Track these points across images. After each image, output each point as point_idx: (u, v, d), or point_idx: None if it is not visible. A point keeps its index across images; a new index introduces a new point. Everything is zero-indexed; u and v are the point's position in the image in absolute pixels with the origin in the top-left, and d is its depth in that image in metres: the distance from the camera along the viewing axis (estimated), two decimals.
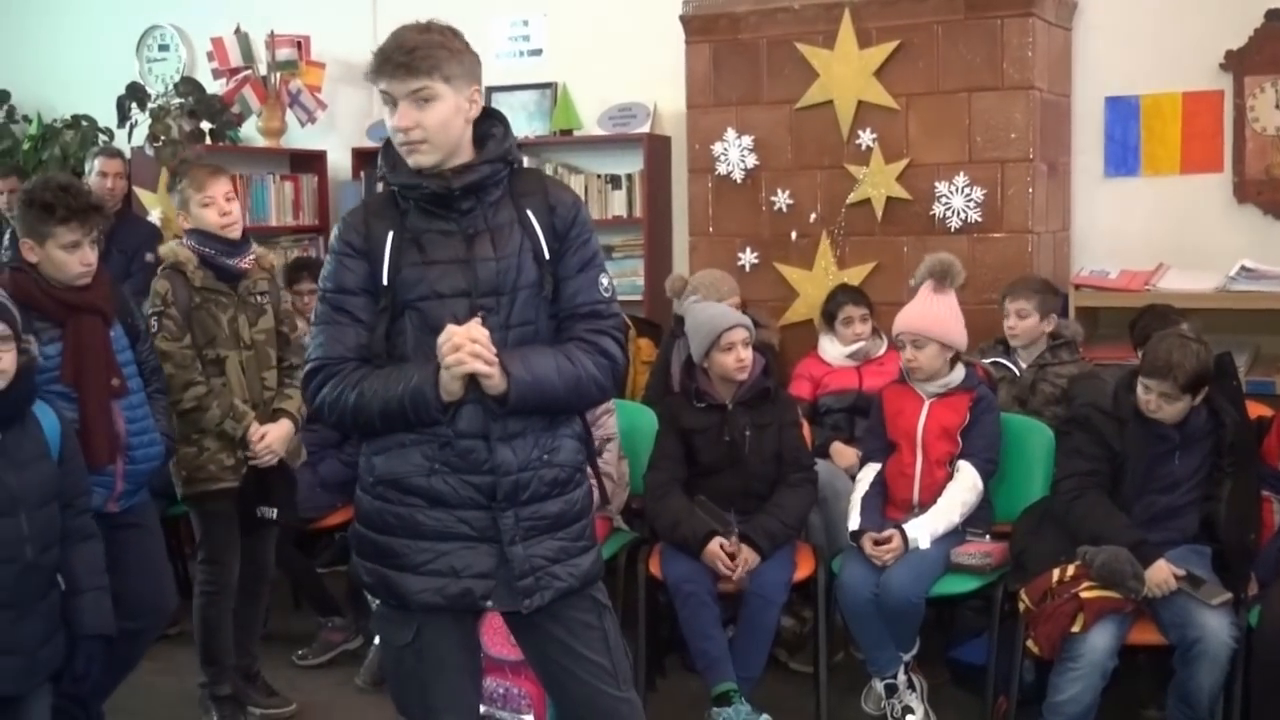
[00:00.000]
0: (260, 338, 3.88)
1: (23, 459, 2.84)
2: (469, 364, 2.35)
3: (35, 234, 3.30)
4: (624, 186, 6.09)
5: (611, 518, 4.38)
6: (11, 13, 7.42)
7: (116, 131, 6.60)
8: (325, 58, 6.59)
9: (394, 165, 2.50)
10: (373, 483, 2.52)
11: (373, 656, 4.30)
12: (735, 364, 4.03)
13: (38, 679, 2.87)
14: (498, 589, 2.49)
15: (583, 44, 6.18)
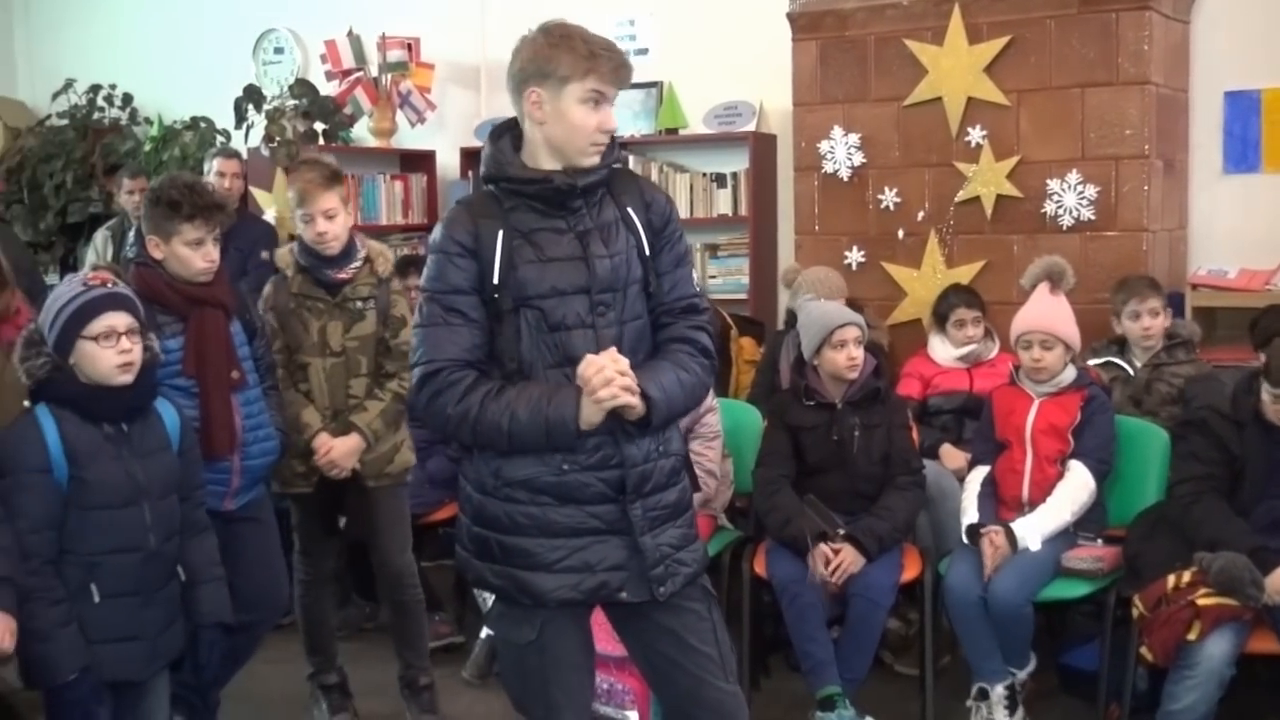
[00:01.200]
0: (352, 344, 3.81)
1: (147, 450, 2.92)
2: (622, 398, 2.40)
3: (161, 231, 3.37)
4: (729, 185, 6.08)
5: (716, 515, 4.39)
6: (133, 18, 7.64)
7: (233, 133, 6.75)
8: (435, 59, 6.67)
9: (505, 163, 2.51)
10: (498, 485, 2.50)
11: (479, 650, 4.35)
12: (846, 362, 4.00)
13: (159, 665, 2.96)
14: (630, 580, 2.52)
15: (689, 43, 6.18)
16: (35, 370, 2.84)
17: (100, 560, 2.83)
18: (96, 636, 2.81)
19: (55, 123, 7.39)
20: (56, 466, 2.79)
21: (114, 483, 2.83)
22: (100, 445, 2.84)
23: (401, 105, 6.64)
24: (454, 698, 4.18)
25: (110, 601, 2.84)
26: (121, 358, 2.83)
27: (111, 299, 2.87)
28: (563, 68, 2.44)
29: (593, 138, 2.48)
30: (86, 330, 2.82)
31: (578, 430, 2.41)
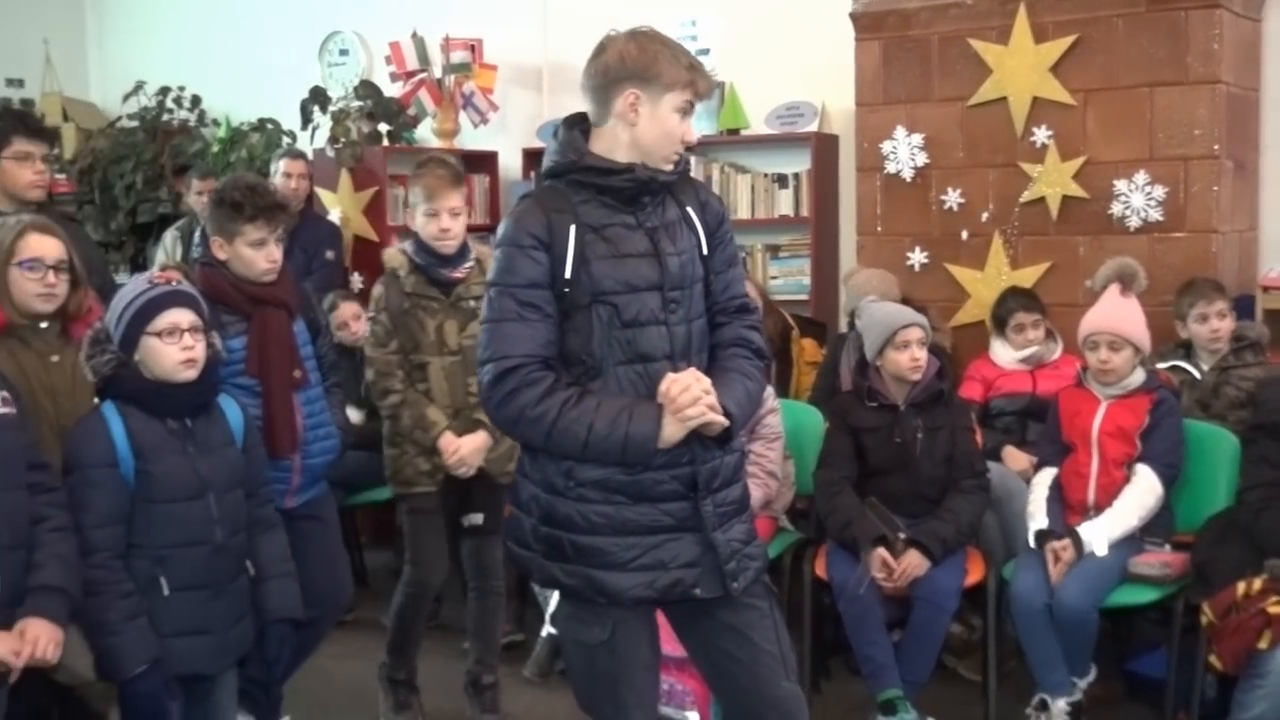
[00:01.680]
0: (468, 343, 3.74)
1: (211, 445, 2.96)
2: (708, 417, 2.42)
3: (224, 232, 3.41)
4: (790, 186, 6.06)
5: (777, 517, 4.37)
6: (202, 22, 7.75)
7: (299, 134, 6.82)
8: (497, 60, 6.71)
9: (584, 153, 2.50)
10: (570, 485, 2.49)
11: (540, 649, 4.37)
12: (909, 363, 3.98)
13: (228, 659, 2.99)
14: (703, 576, 2.53)
15: (751, 43, 6.17)
16: (101, 367, 2.89)
17: (168, 554, 2.86)
18: (167, 630, 2.85)
19: (126, 124, 7.50)
20: (123, 461, 2.83)
21: (179, 477, 2.87)
22: (165, 440, 2.88)
23: (464, 106, 6.68)
24: (515, 696, 4.20)
25: (179, 595, 2.87)
26: (184, 354, 2.87)
27: (175, 296, 2.92)
28: (665, 75, 2.47)
29: (677, 145, 2.52)
30: (150, 326, 2.86)
31: (655, 449, 2.42)
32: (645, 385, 2.48)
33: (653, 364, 2.49)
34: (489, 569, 4.03)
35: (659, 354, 2.50)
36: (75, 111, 7.71)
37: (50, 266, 3.11)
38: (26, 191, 3.86)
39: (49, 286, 3.10)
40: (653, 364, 2.49)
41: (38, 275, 3.08)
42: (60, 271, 3.14)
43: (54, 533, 2.63)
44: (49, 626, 2.58)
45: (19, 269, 3.08)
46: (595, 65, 2.52)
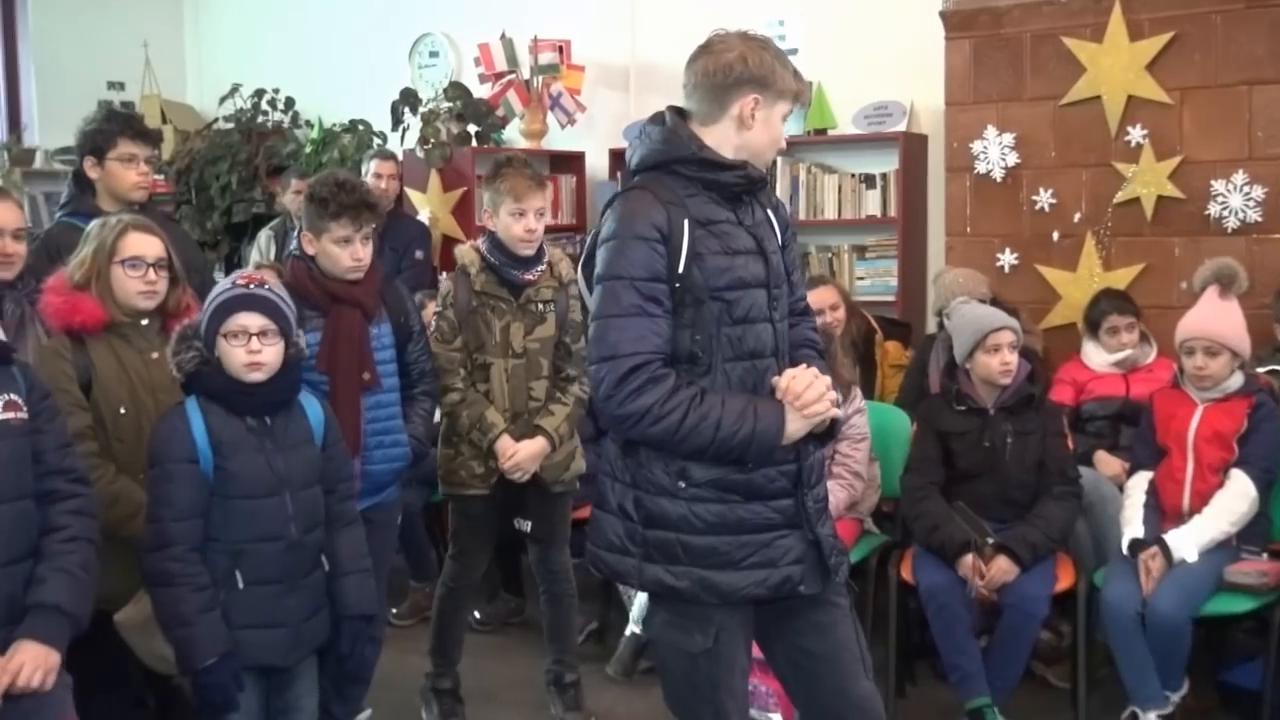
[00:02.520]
0: (534, 346, 3.79)
1: (289, 443, 2.97)
2: (833, 412, 2.45)
3: (313, 227, 3.46)
4: (878, 186, 6.01)
5: (862, 519, 4.35)
6: (295, 25, 7.89)
7: (390, 135, 6.92)
8: (585, 61, 6.74)
9: (699, 146, 2.50)
10: (684, 486, 2.46)
11: (623, 648, 4.37)
12: (1000, 367, 3.93)
13: (302, 653, 3.00)
14: (807, 572, 2.53)
15: (839, 42, 6.13)
16: (184, 364, 2.92)
17: (244, 548, 2.89)
18: (240, 622, 2.88)
19: (222, 126, 7.66)
20: (202, 457, 2.86)
21: (256, 474, 2.89)
22: (243, 437, 2.91)
23: (552, 107, 6.72)
24: (598, 695, 4.22)
25: (253, 589, 2.89)
26: (250, 357, 2.88)
27: (246, 299, 2.92)
28: (780, 83, 2.49)
29: (774, 151, 2.57)
30: (222, 328, 2.90)
31: (779, 445, 2.43)
32: (752, 382, 2.48)
33: (760, 361, 2.50)
34: (557, 573, 4.04)
35: (766, 351, 2.51)
36: (173, 113, 7.89)
37: (150, 264, 3.17)
38: (131, 193, 3.95)
39: (150, 284, 3.17)
40: (760, 361, 2.50)
41: (139, 273, 3.15)
42: (160, 269, 3.20)
43: (65, 544, 2.54)
44: (41, 651, 2.44)
45: (121, 267, 3.15)
46: (712, 64, 2.48)
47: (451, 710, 4.05)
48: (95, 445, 3.10)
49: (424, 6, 7.42)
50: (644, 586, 2.57)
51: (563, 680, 4.06)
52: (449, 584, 4.00)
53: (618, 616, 4.65)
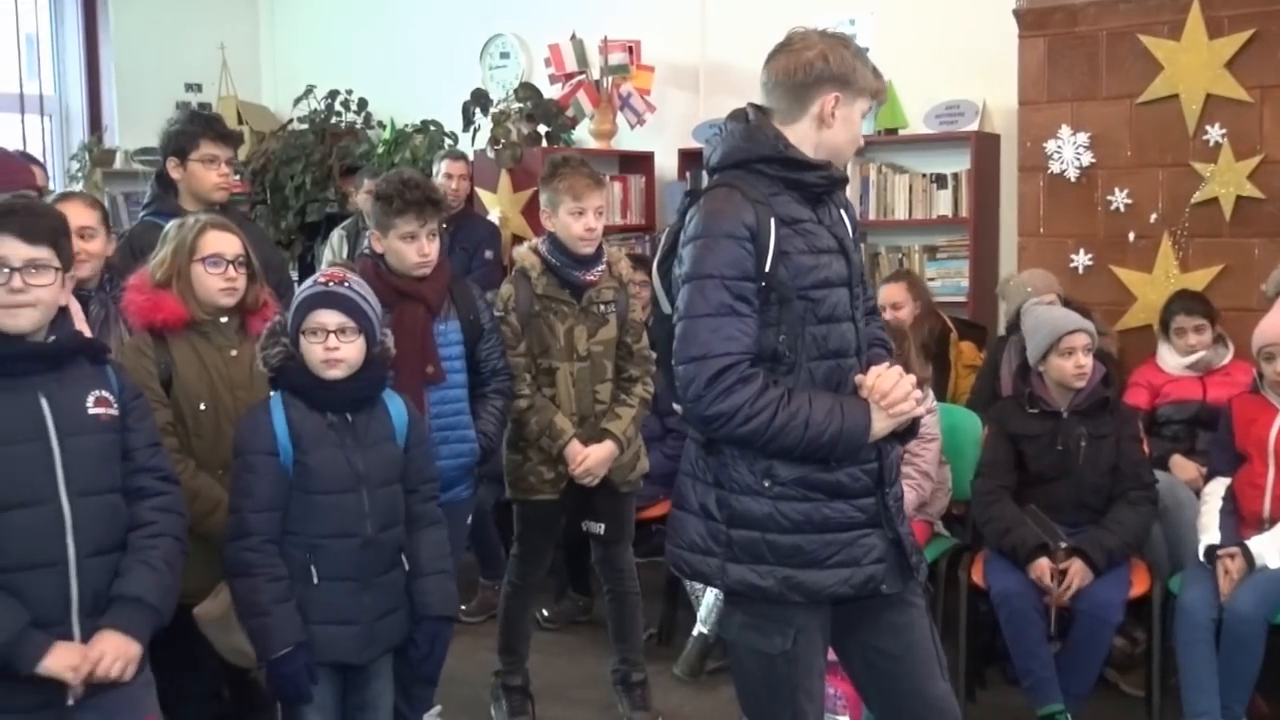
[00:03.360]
0: (597, 349, 3.79)
1: (370, 440, 2.99)
2: (917, 411, 2.46)
3: (380, 225, 3.50)
4: (949, 186, 5.97)
5: (932, 521, 4.32)
6: (368, 27, 7.98)
7: (461, 135, 6.97)
8: (655, 61, 6.75)
9: (784, 145, 2.49)
10: (770, 484, 2.46)
11: (690, 648, 4.38)
12: (1074, 370, 3.89)
13: (376, 651, 3.01)
14: (889, 572, 2.53)
15: (910, 41, 6.09)
16: (270, 359, 2.97)
17: (320, 543, 2.90)
18: (314, 617, 2.89)
19: (296, 127, 7.75)
20: (283, 451, 2.88)
21: (334, 470, 2.91)
22: (323, 433, 2.93)
23: (622, 107, 6.73)
24: (665, 694, 4.22)
25: (328, 584, 2.91)
26: (327, 354, 2.90)
27: (325, 298, 2.94)
28: (860, 81, 2.48)
29: (853, 148, 2.57)
30: (304, 324, 2.93)
31: (866, 443, 2.43)
32: (836, 381, 2.48)
33: (844, 360, 2.51)
34: (622, 571, 4.05)
35: (850, 350, 2.52)
36: (249, 114, 8.00)
37: (230, 262, 3.23)
38: (211, 193, 4.02)
39: (230, 281, 3.22)
40: (844, 360, 2.51)
41: (219, 270, 3.20)
42: (239, 267, 3.25)
43: (151, 539, 2.55)
44: (122, 642, 2.46)
45: (203, 265, 3.20)
46: (793, 61, 2.47)
47: (521, 707, 4.07)
48: (175, 441, 3.16)
49: (495, 8, 7.47)
50: (728, 586, 2.55)
51: (630, 679, 4.07)
52: (514, 582, 4.03)
53: (685, 616, 4.65)
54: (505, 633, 4.07)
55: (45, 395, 2.45)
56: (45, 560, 2.39)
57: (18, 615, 2.35)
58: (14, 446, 2.39)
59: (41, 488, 2.40)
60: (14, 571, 2.37)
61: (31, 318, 2.44)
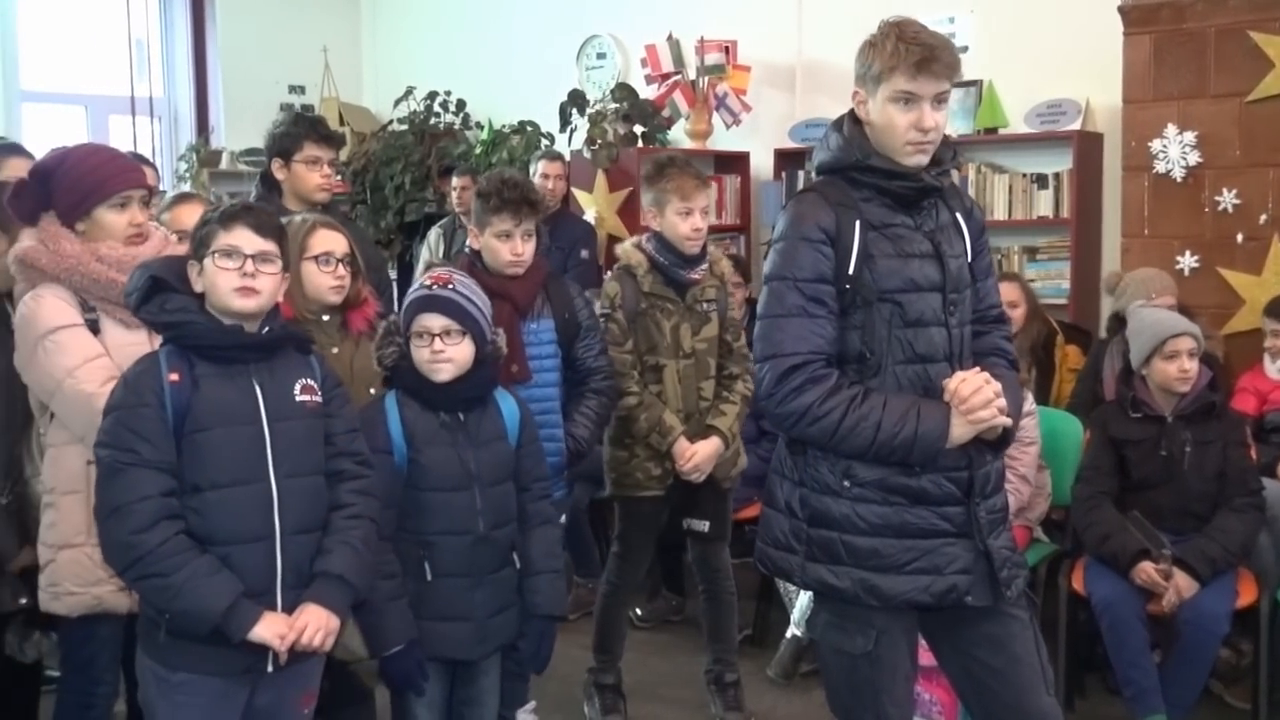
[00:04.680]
0: (701, 347, 3.81)
1: (482, 439, 3.02)
2: (999, 420, 2.41)
3: (479, 222, 3.54)
4: (1050, 186, 5.88)
5: (1031, 526, 4.26)
6: (467, 28, 8.07)
7: (557, 136, 7.03)
8: (751, 61, 6.74)
9: (869, 153, 2.47)
10: (848, 485, 2.47)
11: (784, 650, 4.36)
12: (1178, 374, 3.81)
13: (487, 648, 3.05)
14: (975, 583, 2.49)
15: (1011, 39, 6.01)
16: (385, 358, 3.02)
17: (433, 540, 2.95)
18: (427, 613, 2.94)
19: (396, 128, 7.87)
20: (396, 449, 2.93)
21: (446, 468, 2.95)
22: (436, 432, 2.97)
23: (718, 107, 6.73)
24: (758, 696, 4.22)
25: (441, 581, 2.95)
26: (433, 356, 2.94)
27: (429, 301, 2.98)
28: (875, 66, 2.44)
29: (907, 136, 2.44)
30: (412, 327, 2.98)
31: (943, 449, 2.40)
32: (923, 386, 2.46)
33: (932, 365, 2.48)
34: (719, 572, 4.05)
35: (938, 355, 2.49)
36: (350, 116, 8.14)
37: (339, 260, 3.28)
38: (314, 194, 4.10)
39: (339, 279, 3.28)
40: (932, 365, 2.48)
41: (330, 268, 3.26)
42: (345, 264, 3.31)
43: (350, 520, 2.64)
44: (324, 614, 2.57)
45: (314, 263, 3.25)
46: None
47: (613, 706, 4.09)
48: None
49: (592, 9, 7.52)
50: (806, 585, 2.58)
51: (723, 680, 4.07)
52: (613, 581, 4.04)
53: (778, 617, 4.64)
54: (601, 631, 4.09)
55: (259, 382, 2.58)
56: (256, 535, 2.53)
57: (233, 585, 2.48)
58: (234, 429, 2.53)
59: (255, 468, 2.54)
60: (230, 544, 2.51)
61: (259, 302, 2.56)
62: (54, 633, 3.11)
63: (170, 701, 2.55)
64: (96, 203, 2.93)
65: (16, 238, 3.05)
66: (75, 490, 2.87)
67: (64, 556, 2.89)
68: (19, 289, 2.97)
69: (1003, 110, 5.99)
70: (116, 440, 2.47)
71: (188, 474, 2.49)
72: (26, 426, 3.10)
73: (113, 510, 2.46)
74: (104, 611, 2.90)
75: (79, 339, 2.86)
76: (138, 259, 2.84)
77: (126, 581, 2.59)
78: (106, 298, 2.90)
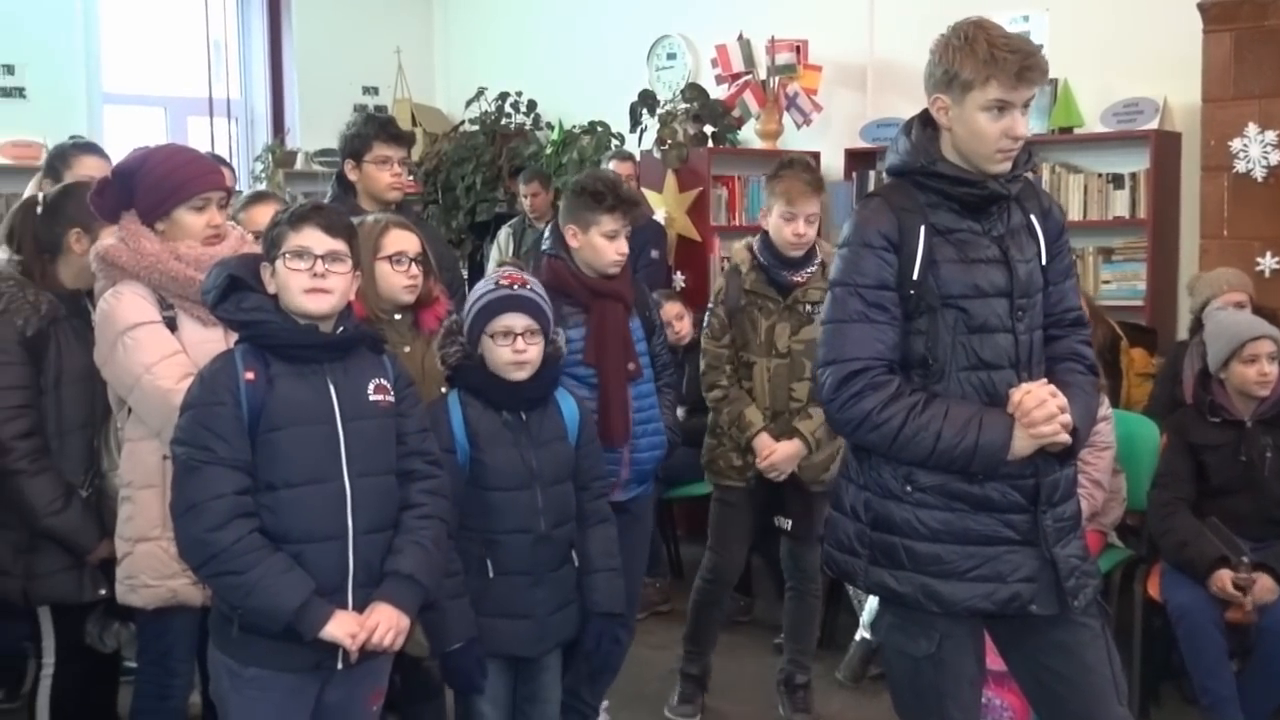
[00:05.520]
0: (798, 347, 3.81)
1: (543, 439, 3.05)
2: (1061, 437, 2.36)
3: (580, 221, 3.50)
4: (1126, 186, 5.78)
5: (1105, 532, 4.20)
6: (538, 29, 8.11)
7: (628, 136, 7.03)
8: (822, 60, 6.70)
9: (935, 158, 2.45)
10: (909, 490, 2.46)
11: (853, 653, 4.35)
12: (1257, 378, 3.74)
13: (547, 645, 3.07)
14: (1040, 592, 2.46)
15: (1086, 38, 5.91)
16: (449, 357, 3.04)
17: (496, 539, 2.97)
18: (489, 610, 2.96)
19: (467, 129, 7.93)
20: (459, 448, 2.96)
21: (509, 467, 2.97)
22: (499, 431, 2.99)
23: (788, 107, 6.70)
24: (826, 698, 4.20)
25: (503, 579, 2.97)
26: (515, 356, 2.97)
27: (512, 300, 3.00)
28: (965, 73, 2.37)
29: (999, 144, 2.40)
30: (489, 327, 2.99)
31: (1004, 459, 2.37)
32: (987, 393, 2.44)
33: (997, 371, 2.45)
34: (807, 571, 4.04)
35: (1004, 361, 2.45)
36: (423, 116, 8.21)
37: (412, 259, 3.30)
38: (386, 193, 4.13)
39: (412, 278, 3.29)
40: (997, 371, 2.45)
41: (403, 268, 3.27)
42: (418, 264, 3.32)
43: (421, 520, 2.67)
44: (394, 613, 2.58)
45: (388, 262, 3.26)
46: (925, 71, 2.48)
47: (690, 696, 4.14)
48: None
49: (662, 9, 7.52)
50: (869, 589, 2.59)
51: (794, 681, 4.07)
52: (706, 577, 4.08)
53: (847, 619, 4.61)
54: (693, 624, 4.15)
55: (333, 382, 2.59)
56: (328, 534, 2.55)
57: (306, 584, 2.50)
58: (310, 428, 2.55)
59: (329, 467, 2.56)
60: (303, 543, 2.52)
61: (330, 302, 2.57)
62: (132, 623, 3.17)
63: (242, 696, 2.57)
64: (176, 204, 2.97)
65: (98, 236, 3.12)
66: (151, 484, 2.92)
67: (140, 549, 2.94)
68: (99, 286, 3.02)
69: (1078, 109, 5.90)
70: (193, 438, 2.50)
71: (262, 472, 2.51)
72: (105, 421, 3.16)
73: (188, 507, 2.48)
74: (179, 604, 2.95)
75: (157, 336, 2.91)
76: (215, 258, 2.87)
77: (201, 578, 2.63)
78: (184, 295, 2.94)
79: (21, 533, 3.14)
